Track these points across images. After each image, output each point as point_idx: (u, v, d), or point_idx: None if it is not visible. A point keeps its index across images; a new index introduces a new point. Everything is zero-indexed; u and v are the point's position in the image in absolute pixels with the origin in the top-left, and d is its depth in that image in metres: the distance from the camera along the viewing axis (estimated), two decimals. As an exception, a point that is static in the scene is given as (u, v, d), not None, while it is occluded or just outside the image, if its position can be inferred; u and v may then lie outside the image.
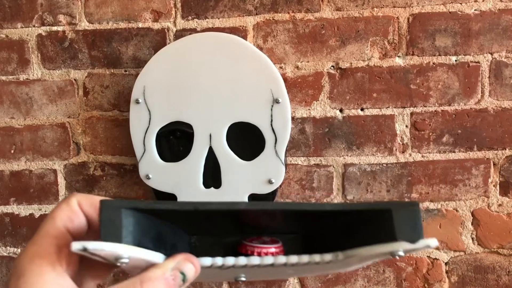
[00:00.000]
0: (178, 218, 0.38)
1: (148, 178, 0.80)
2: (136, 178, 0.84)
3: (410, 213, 0.34)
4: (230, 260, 0.35)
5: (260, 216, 0.39)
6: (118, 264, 0.33)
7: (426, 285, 0.83)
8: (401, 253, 0.34)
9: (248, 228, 0.41)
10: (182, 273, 0.33)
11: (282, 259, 0.36)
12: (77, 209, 0.34)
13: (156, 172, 0.80)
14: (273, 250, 0.40)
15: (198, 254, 0.35)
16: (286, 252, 0.40)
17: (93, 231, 0.35)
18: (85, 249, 0.31)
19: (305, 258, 0.36)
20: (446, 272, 0.83)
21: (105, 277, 0.36)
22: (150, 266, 0.34)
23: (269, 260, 0.36)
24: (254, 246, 0.40)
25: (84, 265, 0.35)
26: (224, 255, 0.36)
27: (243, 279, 0.39)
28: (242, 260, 0.35)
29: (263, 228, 0.41)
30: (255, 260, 0.35)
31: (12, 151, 0.88)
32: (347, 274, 0.84)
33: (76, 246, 0.31)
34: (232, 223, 0.40)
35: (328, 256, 0.36)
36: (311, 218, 0.40)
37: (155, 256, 0.35)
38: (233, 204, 0.36)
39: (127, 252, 0.33)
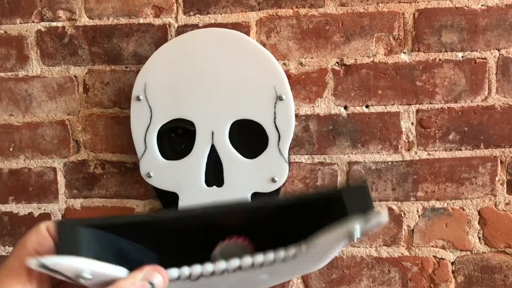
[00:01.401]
0: (139, 235, 0.38)
1: (149, 176, 0.79)
2: (137, 176, 0.83)
3: (358, 190, 0.36)
4: (197, 268, 0.35)
5: (223, 221, 0.39)
6: (82, 281, 0.33)
7: (432, 285, 0.82)
8: (357, 232, 0.34)
9: (218, 239, 0.40)
10: (151, 284, 0.34)
11: (248, 260, 0.36)
12: (45, 233, 0.35)
13: (158, 170, 0.79)
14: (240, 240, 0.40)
15: (166, 268, 0.35)
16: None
17: None
18: (43, 265, 0.32)
19: (270, 255, 0.36)
20: (453, 272, 0.82)
21: None
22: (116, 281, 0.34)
23: (235, 262, 0.36)
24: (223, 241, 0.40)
25: (57, 286, 0.36)
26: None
27: None
28: (208, 267, 0.35)
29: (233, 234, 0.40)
30: (221, 265, 0.36)
31: (11, 149, 0.87)
32: (351, 274, 0.83)
33: (33, 262, 0.31)
34: (201, 239, 0.40)
35: (292, 250, 0.36)
36: (269, 216, 0.40)
37: (118, 270, 0.34)
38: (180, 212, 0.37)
39: (85, 265, 0.33)
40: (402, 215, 0.82)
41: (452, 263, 0.82)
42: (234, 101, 0.77)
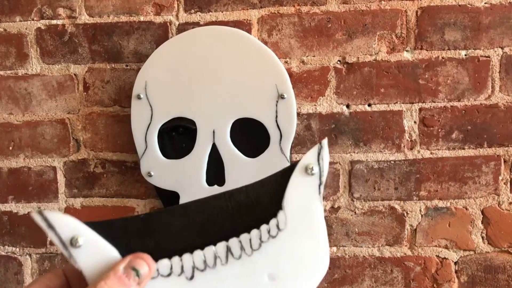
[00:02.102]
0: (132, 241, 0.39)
1: (150, 175, 0.78)
2: (138, 175, 0.83)
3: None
4: (187, 257, 0.37)
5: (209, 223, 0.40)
6: (72, 250, 0.35)
7: (435, 285, 0.81)
8: (309, 159, 0.38)
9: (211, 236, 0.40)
10: (134, 269, 0.35)
11: (234, 240, 0.37)
12: (60, 272, 0.38)
13: (158, 169, 0.78)
14: None
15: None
16: None
17: None
18: (44, 218, 0.35)
19: (254, 231, 0.38)
20: (456, 272, 0.81)
21: None
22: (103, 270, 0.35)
23: (222, 244, 0.37)
24: None
25: None
26: None
27: None
28: (198, 253, 0.37)
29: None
30: (210, 249, 0.37)
31: (11, 148, 0.86)
32: (353, 274, 0.82)
33: (36, 214, 0.34)
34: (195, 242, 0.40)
35: (273, 220, 0.38)
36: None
37: (111, 249, 0.36)
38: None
39: (83, 230, 0.35)
40: (405, 214, 0.81)
41: (455, 263, 0.81)
42: (236, 100, 0.77)
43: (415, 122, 0.80)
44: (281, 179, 0.39)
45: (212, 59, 0.77)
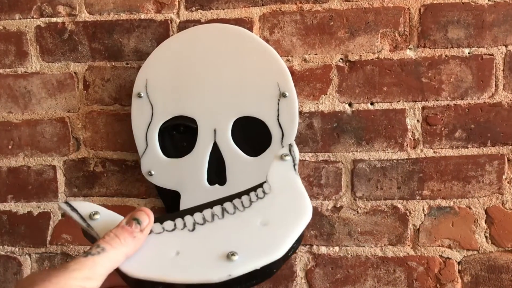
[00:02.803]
0: None
1: (151, 174, 0.78)
2: (138, 174, 0.82)
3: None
4: (188, 217, 0.44)
5: None
6: (91, 222, 0.43)
7: (438, 285, 0.81)
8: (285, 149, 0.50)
9: None
10: (135, 219, 0.41)
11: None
12: None
13: (159, 168, 0.78)
14: None
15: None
16: None
17: None
18: (68, 204, 0.43)
19: (245, 196, 0.46)
20: (459, 271, 0.81)
21: None
22: None
23: (217, 207, 0.45)
24: None
25: None
26: None
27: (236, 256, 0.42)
28: (198, 214, 0.44)
29: None
30: (207, 211, 0.44)
31: (10, 147, 0.85)
32: (356, 274, 0.81)
33: (61, 201, 0.47)
34: None
35: (259, 188, 0.46)
36: None
37: (121, 218, 0.43)
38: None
39: (99, 208, 0.44)
40: (408, 214, 0.80)
41: (459, 263, 0.81)
42: (237, 98, 0.76)
43: (418, 120, 0.79)
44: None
45: (214, 57, 0.76)
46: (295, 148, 0.50)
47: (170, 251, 0.41)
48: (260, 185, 0.47)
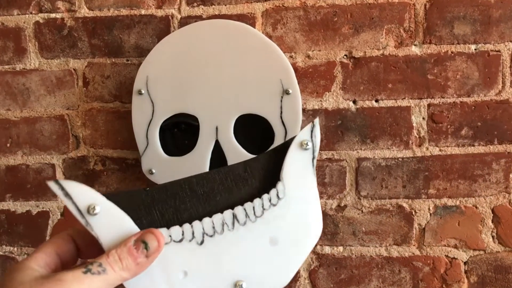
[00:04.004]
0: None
1: (151, 173, 0.77)
2: (139, 173, 0.81)
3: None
4: (197, 224, 0.41)
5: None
6: (89, 217, 0.38)
7: (444, 286, 0.79)
8: (304, 134, 0.44)
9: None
10: (144, 242, 0.38)
11: (238, 208, 0.42)
12: (67, 237, 0.41)
13: (160, 166, 0.77)
14: None
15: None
16: None
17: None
18: (61, 187, 0.38)
19: (257, 200, 0.42)
20: (465, 272, 0.79)
21: None
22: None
23: (228, 212, 0.42)
24: None
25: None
26: None
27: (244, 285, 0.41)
28: (206, 220, 0.41)
29: None
30: (218, 216, 0.42)
31: (8, 145, 0.84)
32: (360, 275, 0.80)
33: (52, 183, 0.37)
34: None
35: (273, 191, 0.43)
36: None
37: (125, 217, 0.39)
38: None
39: (99, 198, 0.38)
40: (413, 213, 0.79)
41: (465, 263, 0.79)
42: (239, 95, 0.75)
43: (423, 118, 0.78)
44: (277, 154, 0.44)
45: (215, 53, 0.75)
46: (317, 132, 0.44)
47: (177, 271, 0.40)
48: (274, 185, 0.43)
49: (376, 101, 0.79)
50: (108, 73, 0.81)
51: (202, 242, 0.41)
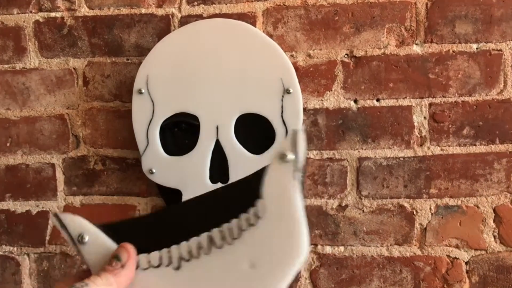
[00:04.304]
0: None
1: (152, 172, 0.76)
2: (139, 172, 0.80)
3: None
4: (174, 249, 0.41)
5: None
6: (80, 246, 0.41)
7: (445, 286, 0.79)
8: (286, 146, 0.39)
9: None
10: (115, 256, 0.41)
11: (215, 231, 0.41)
12: None
13: (160, 166, 0.76)
14: None
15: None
16: None
17: None
18: (58, 218, 0.42)
19: (234, 221, 0.40)
20: (467, 272, 0.79)
21: None
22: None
23: (204, 235, 0.40)
24: None
25: None
26: None
27: None
28: (183, 246, 0.41)
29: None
30: (194, 241, 0.41)
31: (8, 144, 0.84)
32: (361, 275, 0.80)
33: (52, 215, 0.43)
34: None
35: (251, 210, 0.40)
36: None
37: (112, 245, 0.42)
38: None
39: (89, 228, 0.42)
40: (414, 213, 0.79)
41: (466, 263, 0.79)
42: (240, 95, 0.75)
43: (425, 117, 0.78)
44: (260, 170, 0.42)
45: (216, 53, 0.75)
46: (300, 140, 0.40)
47: None
48: (253, 204, 0.40)
49: (377, 100, 0.78)
50: (108, 72, 0.81)
51: (178, 267, 0.41)
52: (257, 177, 0.41)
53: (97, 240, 0.42)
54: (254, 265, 0.39)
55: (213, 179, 0.76)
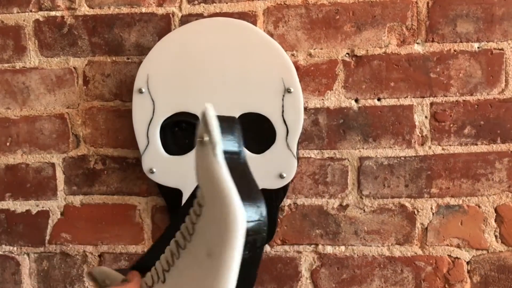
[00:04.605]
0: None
1: (152, 172, 0.76)
2: (139, 172, 0.80)
3: None
4: (158, 264, 0.44)
5: None
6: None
7: (446, 286, 0.79)
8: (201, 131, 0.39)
9: None
10: (124, 280, 0.46)
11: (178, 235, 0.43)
12: None
13: (160, 165, 0.77)
14: None
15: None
16: None
17: None
18: (90, 274, 0.48)
19: (187, 217, 0.42)
20: (468, 271, 0.79)
21: None
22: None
23: (172, 242, 0.43)
24: None
25: None
26: None
27: None
28: (162, 258, 0.44)
29: None
30: (167, 250, 0.44)
31: (8, 144, 0.84)
32: (362, 274, 0.80)
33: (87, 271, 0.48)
34: None
35: (195, 205, 0.42)
36: None
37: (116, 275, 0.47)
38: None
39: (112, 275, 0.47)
40: (416, 212, 0.79)
41: (468, 263, 0.79)
42: (241, 94, 0.75)
43: (426, 117, 0.78)
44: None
45: (216, 52, 0.75)
46: (210, 120, 0.39)
47: None
48: (195, 194, 0.41)
49: (378, 99, 0.78)
50: (108, 72, 0.81)
51: (164, 280, 0.42)
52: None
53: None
54: (209, 253, 0.39)
55: (213, 179, 0.75)
